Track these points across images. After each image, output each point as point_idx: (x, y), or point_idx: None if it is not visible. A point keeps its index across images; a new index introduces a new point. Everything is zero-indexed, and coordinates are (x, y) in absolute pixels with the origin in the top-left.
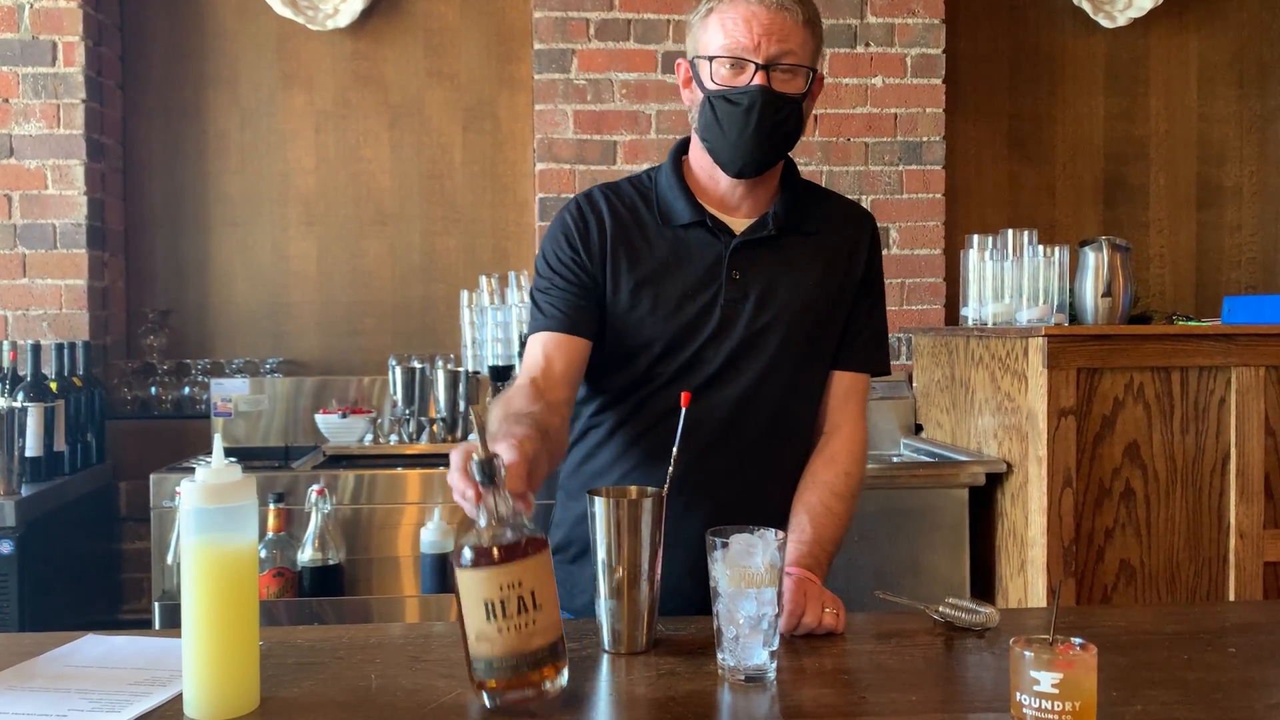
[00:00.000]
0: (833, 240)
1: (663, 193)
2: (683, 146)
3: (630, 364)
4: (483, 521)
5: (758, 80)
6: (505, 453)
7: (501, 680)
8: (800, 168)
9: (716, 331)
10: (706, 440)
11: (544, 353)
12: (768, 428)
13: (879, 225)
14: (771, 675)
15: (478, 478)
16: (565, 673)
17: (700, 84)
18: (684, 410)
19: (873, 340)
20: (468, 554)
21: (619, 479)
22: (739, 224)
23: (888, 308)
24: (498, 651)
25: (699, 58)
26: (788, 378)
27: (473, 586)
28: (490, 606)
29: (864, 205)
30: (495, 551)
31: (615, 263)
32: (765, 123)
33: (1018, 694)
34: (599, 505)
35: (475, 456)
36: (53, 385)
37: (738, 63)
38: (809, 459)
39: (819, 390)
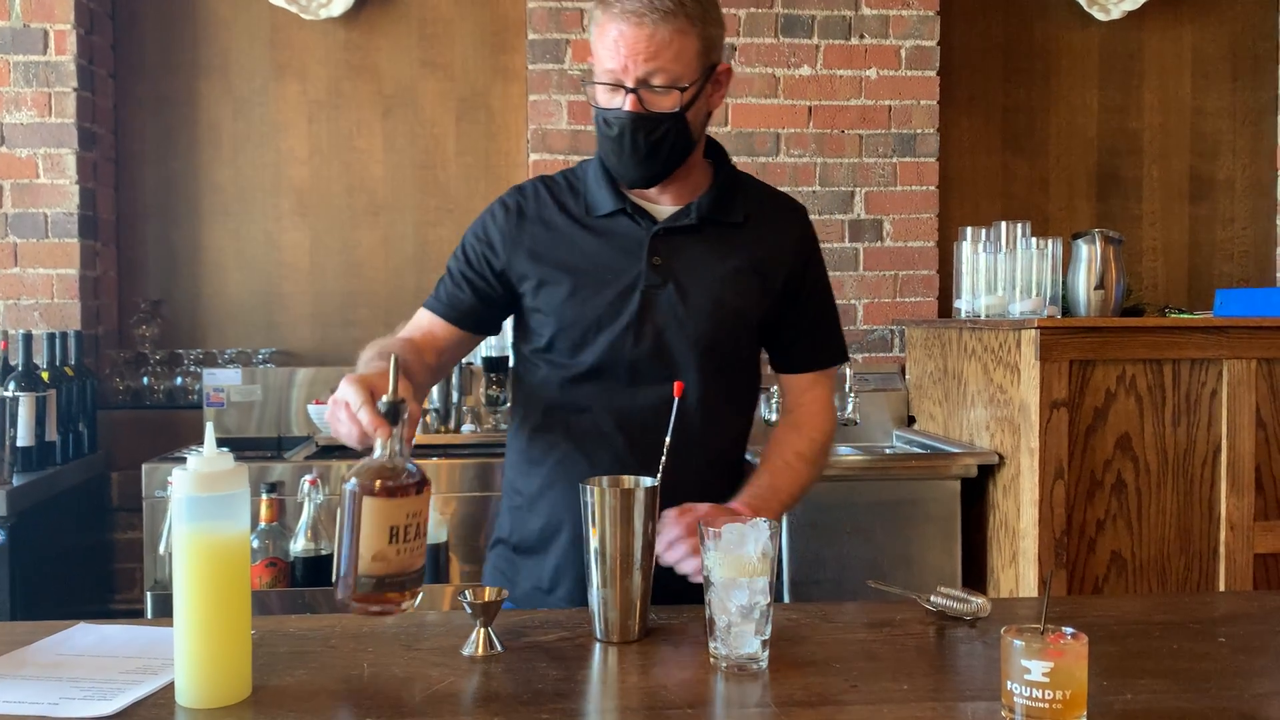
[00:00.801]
0: (760, 231)
1: (589, 184)
2: None
3: (554, 350)
4: (382, 455)
5: (629, 105)
6: (408, 399)
7: (379, 595)
8: (794, 160)
9: (637, 316)
10: (638, 426)
11: (429, 326)
12: (696, 413)
13: (874, 217)
14: (763, 664)
15: (385, 416)
16: (421, 594)
17: (592, 95)
18: (676, 400)
19: (824, 334)
20: (379, 484)
21: (561, 469)
22: (663, 212)
23: (881, 299)
24: (391, 570)
25: (592, 72)
26: (714, 365)
27: (384, 512)
28: (395, 531)
29: (857, 197)
30: (408, 484)
31: (535, 253)
32: (639, 144)
33: (1009, 683)
34: (592, 495)
35: (384, 398)
36: (44, 375)
37: (610, 87)
38: (763, 441)
39: (747, 379)
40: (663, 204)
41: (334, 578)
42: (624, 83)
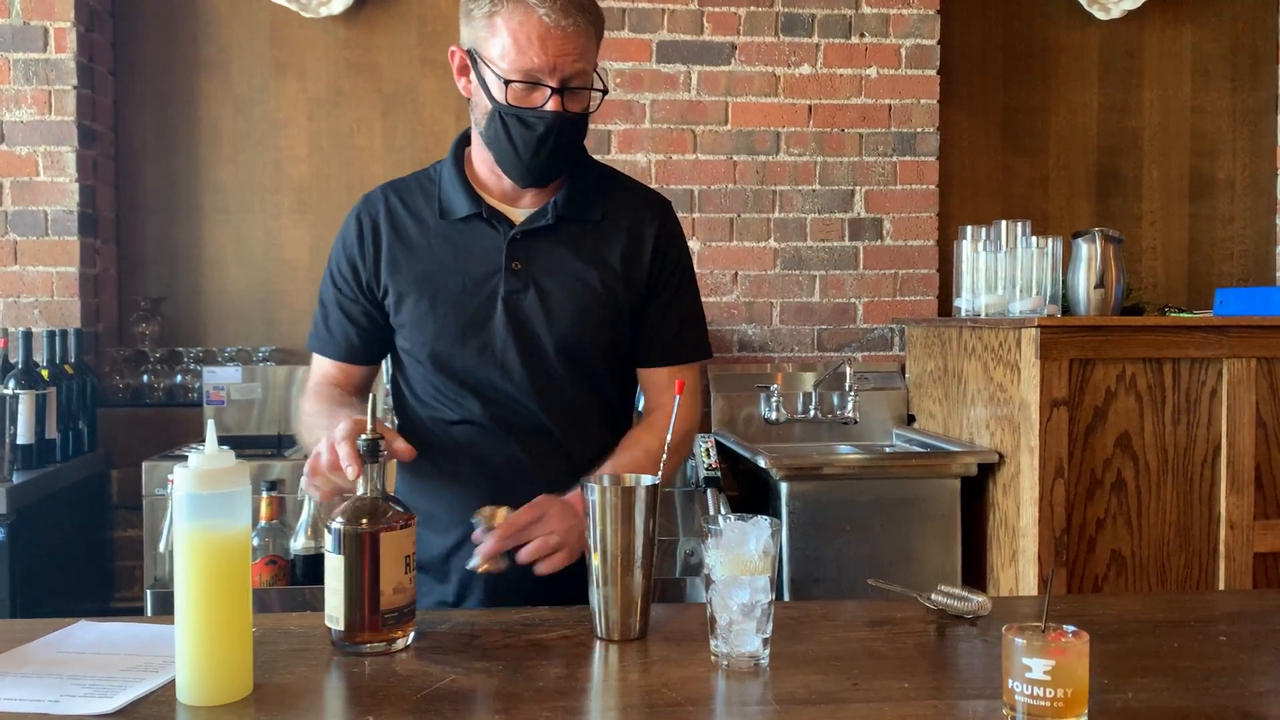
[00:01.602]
0: (621, 227)
1: (444, 187)
2: (466, 138)
3: (421, 364)
4: (364, 492)
5: (552, 105)
6: (389, 435)
7: (403, 625)
8: (794, 158)
9: (501, 323)
10: (528, 429)
11: (336, 373)
12: (563, 416)
13: (874, 216)
14: (764, 662)
15: (364, 454)
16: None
17: (487, 90)
18: (677, 398)
19: (684, 329)
20: (388, 516)
21: (457, 482)
22: (520, 214)
23: (881, 298)
24: (409, 598)
25: (485, 62)
26: (580, 365)
27: (399, 543)
28: (408, 561)
29: (857, 195)
30: (408, 513)
31: (393, 265)
32: (560, 144)
33: (1010, 681)
34: (593, 493)
35: (363, 436)
36: (44, 373)
37: (531, 84)
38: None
39: (614, 377)
40: (520, 205)
41: (340, 624)
42: (548, 82)
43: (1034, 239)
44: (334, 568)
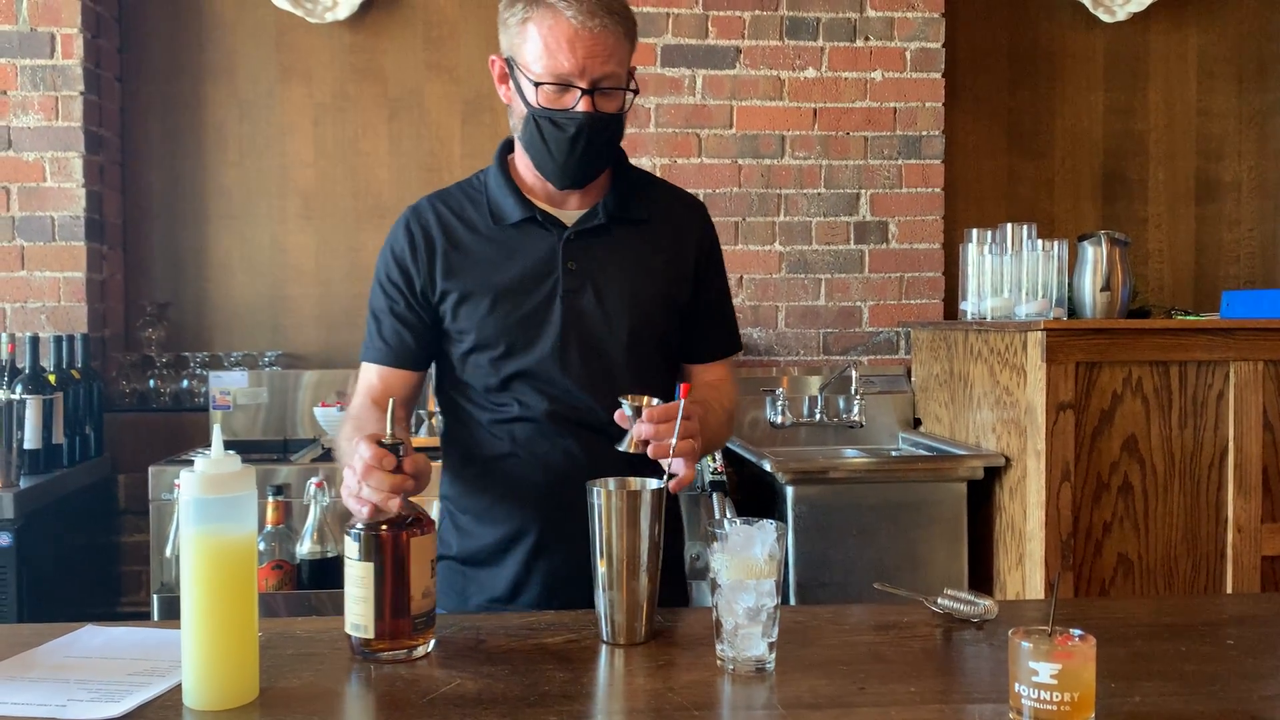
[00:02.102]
0: (665, 227)
1: (492, 193)
2: (509, 145)
3: (480, 366)
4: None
5: (583, 106)
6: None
7: (428, 630)
8: (799, 162)
9: (561, 321)
10: (587, 427)
11: (380, 379)
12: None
13: (879, 219)
14: (770, 666)
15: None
16: None
17: (522, 95)
18: (682, 402)
19: (724, 325)
20: (410, 523)
21: (514, 479)
22: (570, 216)
23: (887, 301)
24: (432, 605)
25: (519, 68)
26: (636, 361)
27: (426, 548)
28: (432, 565)
29: (862, 199)
30: (428, 518)
31: (448, 272)
32: (592, 144)
33: (1016, 685)
34: (598, 497)
35: (384, 440)
36: (51, 378)
37: (562, 86)
38: None
39: (666, 372)
40: (568, 207)
41: (369, 632)
42: (579, 84)
43: (1040, 242)
44: (360, 575)
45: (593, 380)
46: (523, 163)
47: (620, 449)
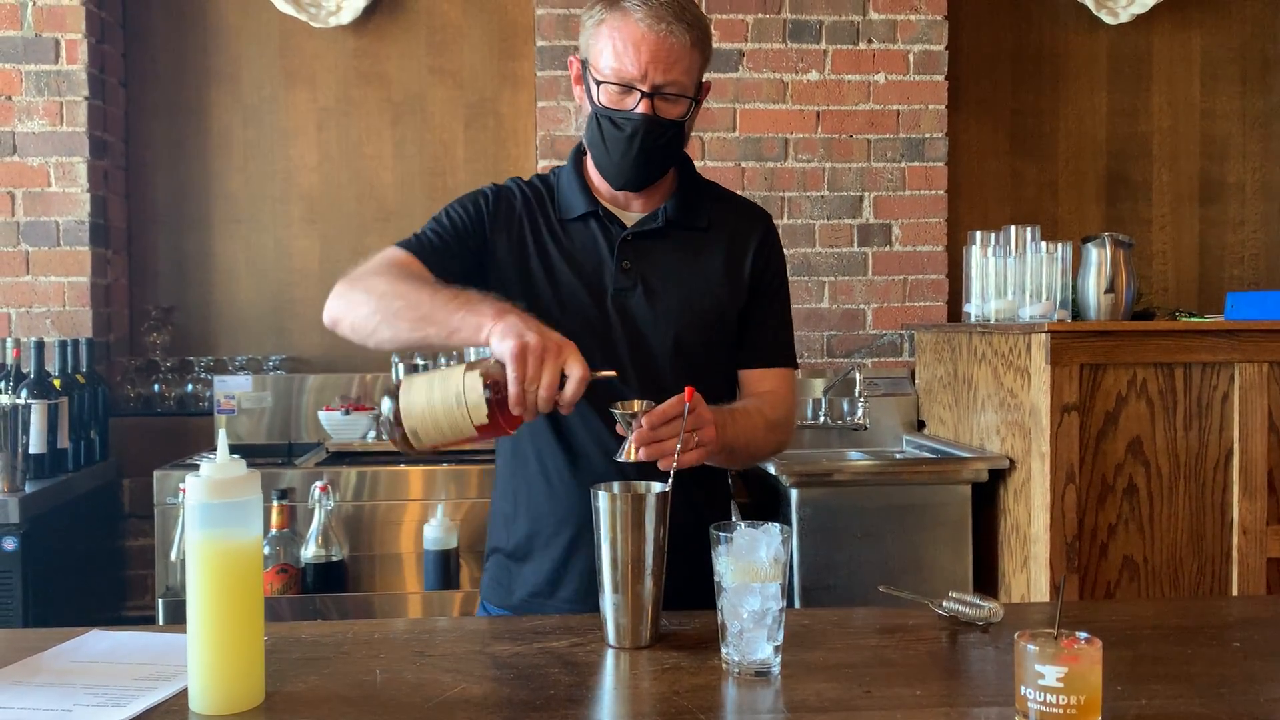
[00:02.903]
0: (725, 236)
1: (562, 188)
2: (583, 147)
3: None
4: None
5: (642, 107)
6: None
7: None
8: (802, 165)
9: (609, 320)
10: (597, 431)
11: (395, 260)
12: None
13: (883, 222)
14: (775, 669)
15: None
16: None
17: (590, 94)
18: (687, 405)
19: (781, 336)
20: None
21: (555, 473)
22: (631, 218)
23: (890, 303)
24: None
25: (590, 68)
26: (684, 366)
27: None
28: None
29: (866, 201)
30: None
31: (512, 246)
32: (647, 147)
33: (1022, 688)
34: (603, 500)
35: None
36: (56, 382)
37: (624, 87)
38: None
39: (716, 375)
40: (632, 209)
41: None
42: (640, 86)
43: (1044, 244)
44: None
45: (640, 377)
46: (590, 162)
47: (619, 459)
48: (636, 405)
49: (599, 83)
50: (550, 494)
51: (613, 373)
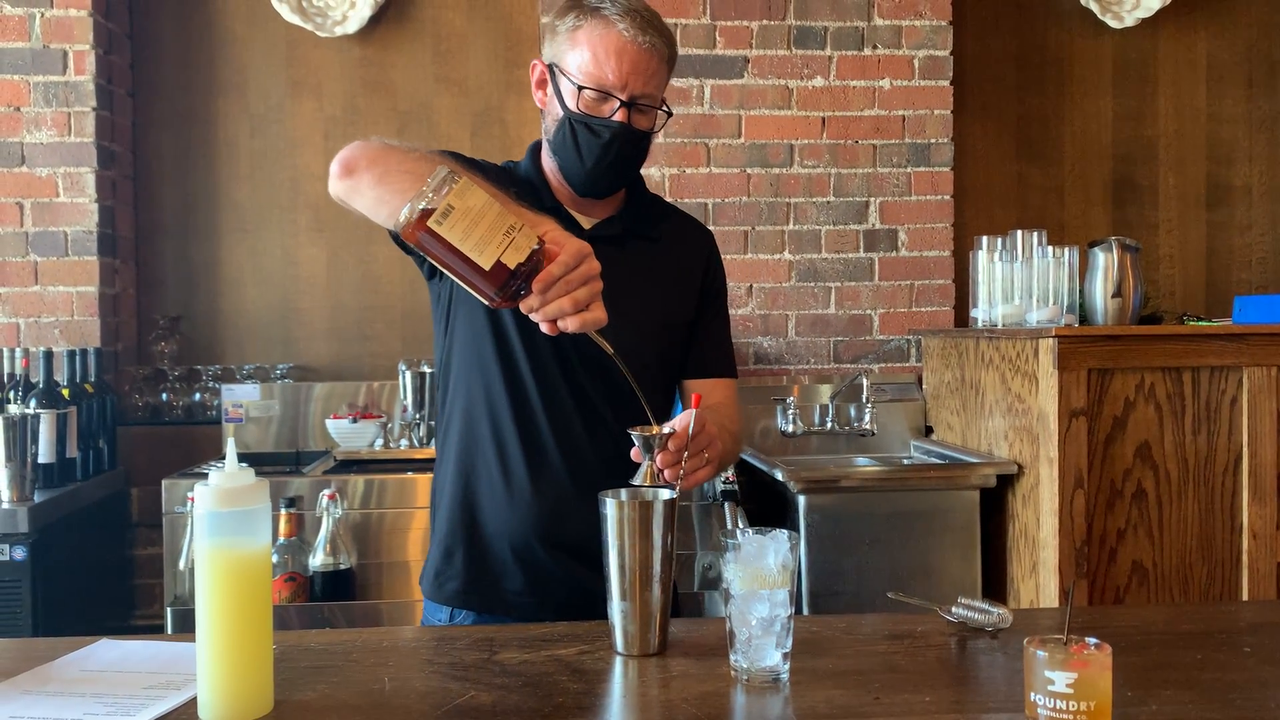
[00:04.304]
0: (676, 248)
1: (521, 183)
2: (539, 148)
3: (484, 360)
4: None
5: (619, 116)
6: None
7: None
8: (808, 171)
9: None
10: (563, 428)
11: None
12: (621, 419)
13: (889, 227)
14: (784, 676)
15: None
16: None
17: (560, 99)
18: (693, 412)
19: (723, 347)
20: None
21: (515, 479)
22: (589, 221)
23: (897, 309)
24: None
25: (562, 73)
26: (639, 375)
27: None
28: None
29: (872, 207)
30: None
31: None
32: (622, 155)
33: (1032, 694)
34: (610, 507)
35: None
36: (65, 392)
37: (602, 94)
38: None
39: (663, 385)
40: (588, 215)
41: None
42: (619, 96)
43: (1050, 248)
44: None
45: (594, 387)
46: (549, 167)
47: (635, 484)
48: (655, 430)
49: (580, 88)
50: (515, 502)
51: (608, 347)
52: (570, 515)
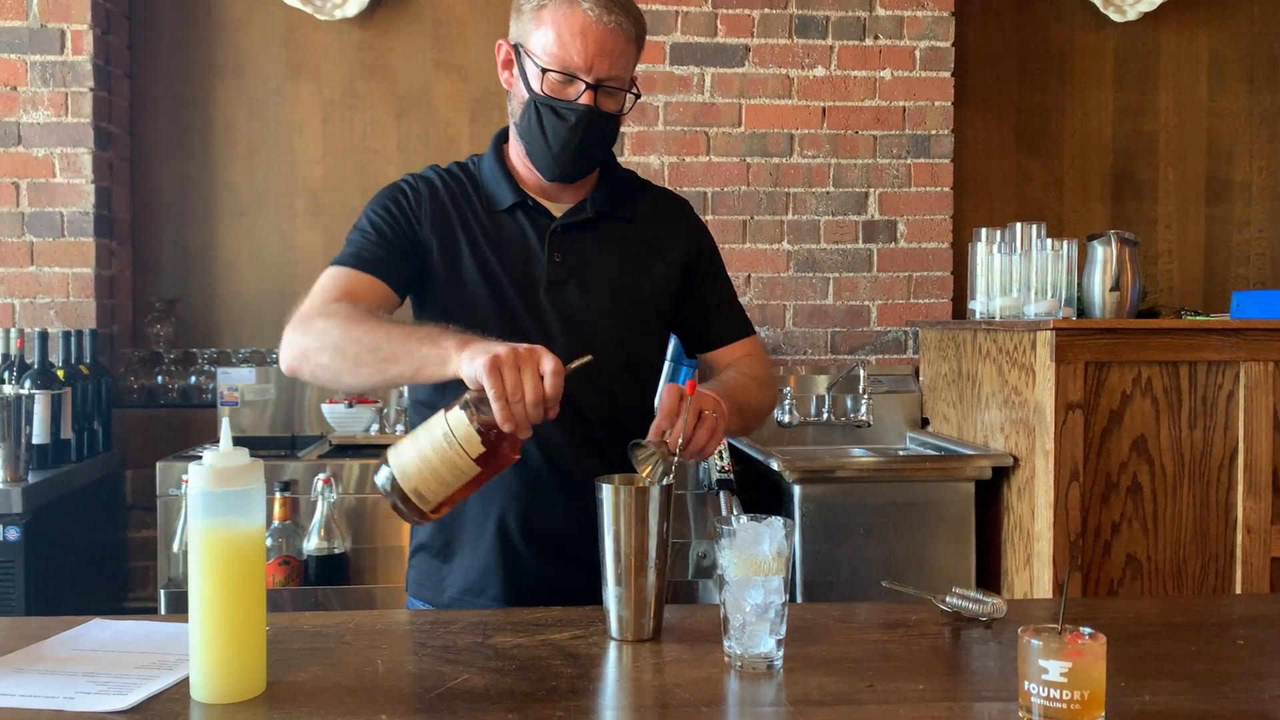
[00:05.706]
0: (653, 227)
1: (485, 179)
2: (505, 135)
3: None
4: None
5: (585, 99)
6: None
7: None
8: (808, 161)
9: (542, 312)
10: (561, 416)
11: (369, 288)
12: (599, 407)
13: (888, 218)
14: (778, 663)
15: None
16: None
17: (526, 82)
18: (689, 399)
19: (732, 311)
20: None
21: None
22: (558, 208)
23: (895, 300)
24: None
25: (527, 54)
26: (624, 356)
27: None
28: None
29: (871, 198)
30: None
31: (443, 240)
32: (589, 139)
33: (1026, 683)
34: (606, 493)
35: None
36: (60, 373)
37: (567, 77)
38: None
39: (646, 372)
40: (558, 200)
41: (420, 500)
42: (584, 78)
43: (1049, 241)
44: (455, 460)
45: (577, 374)
46: (516, 152)
47: (649, 484)
48: (653, 439)
49: (544, 71)
50: (491, 493)
51: (588, 357)
52: (548, 508)
